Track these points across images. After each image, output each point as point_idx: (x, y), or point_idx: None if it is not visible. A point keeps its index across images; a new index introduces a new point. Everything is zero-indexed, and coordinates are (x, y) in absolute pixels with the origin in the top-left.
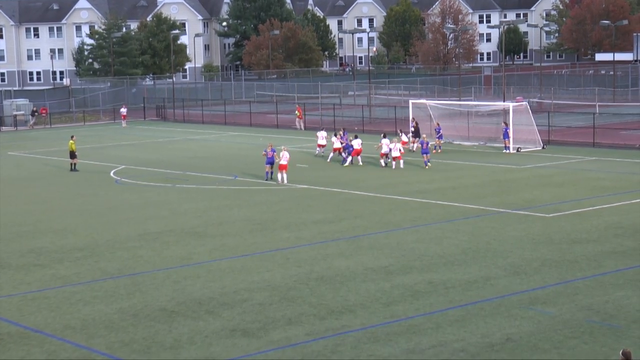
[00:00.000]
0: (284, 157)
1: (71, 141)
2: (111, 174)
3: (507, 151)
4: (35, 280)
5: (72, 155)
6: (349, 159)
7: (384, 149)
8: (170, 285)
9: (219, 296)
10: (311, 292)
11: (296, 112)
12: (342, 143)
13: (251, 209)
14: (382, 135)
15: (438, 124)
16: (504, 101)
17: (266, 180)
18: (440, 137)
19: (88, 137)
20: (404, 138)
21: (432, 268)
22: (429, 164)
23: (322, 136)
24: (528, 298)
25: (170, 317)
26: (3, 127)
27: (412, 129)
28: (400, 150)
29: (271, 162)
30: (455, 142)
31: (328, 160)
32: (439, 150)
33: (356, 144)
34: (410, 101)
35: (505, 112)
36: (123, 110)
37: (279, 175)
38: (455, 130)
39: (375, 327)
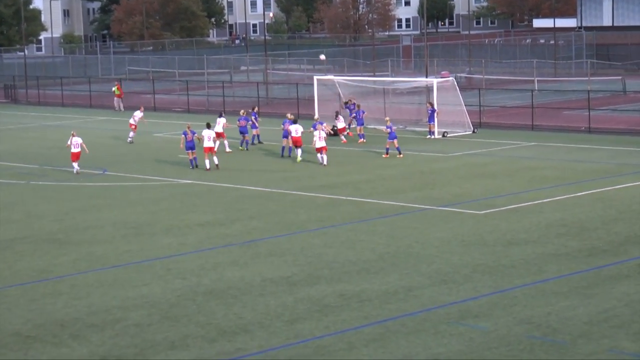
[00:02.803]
0: (75, 145)
1: None
2: None
3: (432, 136)
4: None
5: None
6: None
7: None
8: (25, 305)
9: (85, 316)
10: (198, 309)
11: (114, 89)
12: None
13: (124, 209)
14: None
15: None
16: (426, 76)
17: (191, 167)
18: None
19: None
20: (340, 123)
21: (343, 277)
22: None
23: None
24: (458, 311)
25: (26, 343)
26: None
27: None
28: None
29: (191, 147)
30: (370, 126)
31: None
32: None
33: (294, 130)
34: (315, 77)
35: (429, 89)
36: None
37: (74, 164)
38: (369, 112)
39: (277, 350)
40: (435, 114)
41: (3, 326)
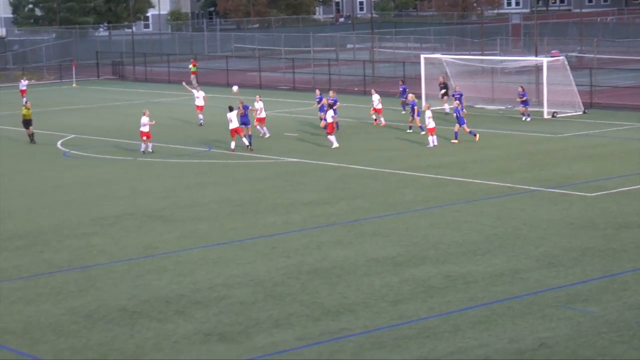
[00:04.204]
0: (143, 124)
1: (25, 107)
2: (58, 145)
3: (527, 119)
4: None
5: (28, 123)
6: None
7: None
8: (130, 281)
9: (190, 293)
10: (303, 288)
11: (190, 66)
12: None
13: (229, 187)
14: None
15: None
16: (536, 56)
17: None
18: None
19: (29, 99)
20: (375, 101)
21: (449, 259)
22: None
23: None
24: (566, 295)
25: (132, 318)
26: None
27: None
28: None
29: (245, 123)
30: (477, 105)
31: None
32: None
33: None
34: (422, 56)
35: (538, 69)
36: (24, 83)
37: (142, 145)
38: (477, 92)
39: (381, 331)
40: (525, 98)
41: (109, 301)
